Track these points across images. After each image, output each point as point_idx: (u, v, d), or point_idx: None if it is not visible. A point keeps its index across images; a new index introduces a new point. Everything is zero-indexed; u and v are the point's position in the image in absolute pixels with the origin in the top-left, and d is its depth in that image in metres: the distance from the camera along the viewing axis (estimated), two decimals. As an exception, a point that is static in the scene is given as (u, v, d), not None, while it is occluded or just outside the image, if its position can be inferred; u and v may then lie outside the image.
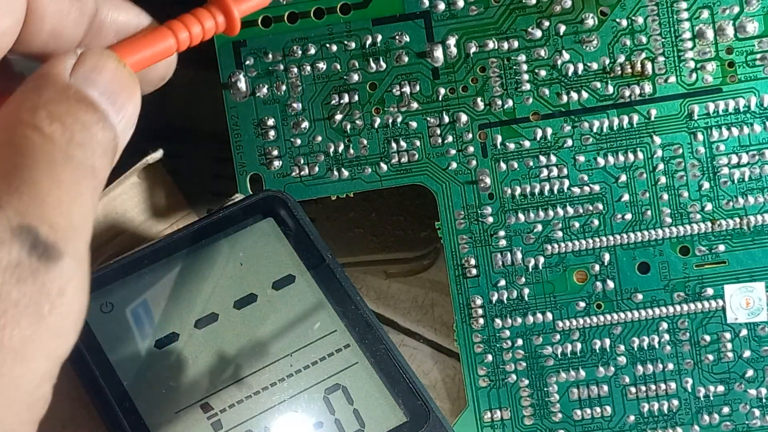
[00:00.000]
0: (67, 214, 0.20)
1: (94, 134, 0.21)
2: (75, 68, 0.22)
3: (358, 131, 0.36)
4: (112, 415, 0.30)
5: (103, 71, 0.22)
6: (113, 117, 0.22)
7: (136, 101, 0.23)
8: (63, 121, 0.21)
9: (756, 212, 0.35)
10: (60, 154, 0.20)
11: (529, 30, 0.35)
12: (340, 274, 0.32)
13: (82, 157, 0.21)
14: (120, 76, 0.23)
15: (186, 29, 0.25)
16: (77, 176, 0.20)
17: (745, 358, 0.35)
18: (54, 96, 0.21)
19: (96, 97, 0.22)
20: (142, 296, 0.32)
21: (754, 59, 0.34)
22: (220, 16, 0.26)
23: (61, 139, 0.20)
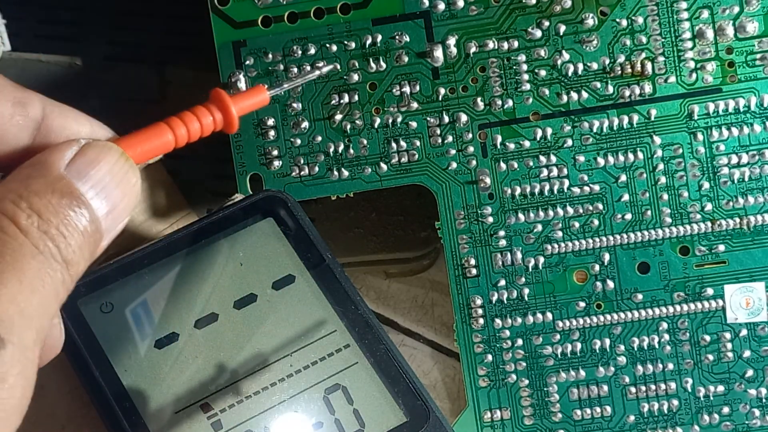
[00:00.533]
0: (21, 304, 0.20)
1: (74, 229, 0.22)
2: (73, 160, 0.23)
3: (358, 131, 0.36)
4: (112, 415, 0.30)
5: (101, 165, 0.23)
6: (100, 212, 0.23)
7: (131, 196, 0.24)
8: (42, 214, 0.21)
9: (756, 212, 0.35)
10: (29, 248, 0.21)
11: (529, 30, 0.35)
12: (340, 274, 0.32)
13: (53, 251, 0.21)
14: (118, 170, 0.23)
15: (185, 126, 0.26)
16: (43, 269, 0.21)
17: (745, 358, 0.35)
18: (41, 188, 0.22)
19: (85, 191, 0.22)
20: (142, 296, 0.32)
21: (754, 59, 0.34)
22: (218, 113, 0.26)
23: (35, 233, 0.21)
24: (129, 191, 0.24)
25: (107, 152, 0.23)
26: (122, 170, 0.24)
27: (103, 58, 0.42)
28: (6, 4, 0.39)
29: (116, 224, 0.23)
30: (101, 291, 0.32)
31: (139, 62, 0.42)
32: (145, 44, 0.42)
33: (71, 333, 0.31)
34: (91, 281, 0.31)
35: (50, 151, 0.23)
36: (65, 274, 0.22)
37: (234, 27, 0.35)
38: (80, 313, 0.31)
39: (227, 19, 0.35)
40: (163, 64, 0.41)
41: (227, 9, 0.35)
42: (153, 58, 0.42)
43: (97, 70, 0.41)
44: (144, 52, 0.42)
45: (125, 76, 0.42)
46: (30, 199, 0.22)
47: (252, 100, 0.28)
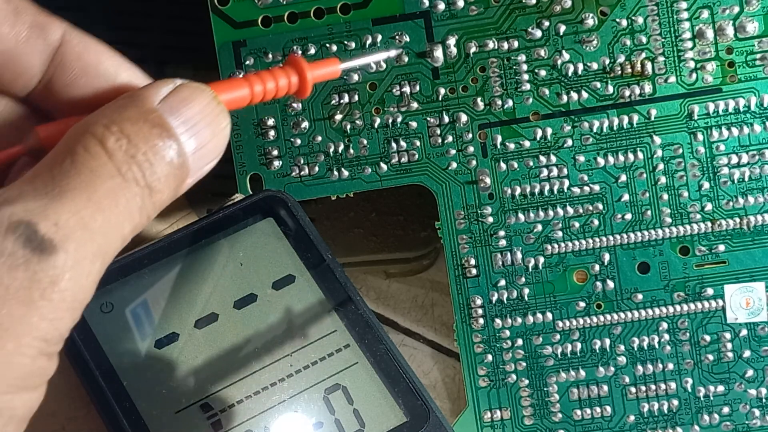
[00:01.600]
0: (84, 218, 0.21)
1: (161, 158, 0.23)
2: (167, 97, 0.24)
3: (358, 131, 0.36)
4: (112, 415, 0.30)
5: (193, 104, 0.24)
6: (188, 147, 0.23)
7: (219, 138, 0.24)
8: (131, 139, 0.22)
9: (756, 212, 0.35)
10: (109, 169, 0.22)
11: (529, 30, 0.35)
12: (340, 274, 0.32)
13: (137, 175, 0.22)
14: (209, 111, 0.24)
15: (262, 83, 0.26)
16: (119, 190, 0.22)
17: (745, 358, 0.35)
18: (133, 115, 0.23)
19: (175, 126, 0.23)
20: (142, 296, 0.32)
21: (754, 59, 0.34)
22: (294, 76, 0.27)
23: (120, 156, 0.22)
24: (218, 133, 0.24)
25: (200, 93, 0.24)
26: (213, 112, 0.24)
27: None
28: (6, 4, 0.39)
29: (203, 164, 0.24)
30: (101, 291, 0.31)
31: (139, 62, 0.42)
32: (145, 44, 0.42)
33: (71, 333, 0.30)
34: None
35: (145, 87, 0.24)
36: (146, 199, 0.23)
37: (234, 27, 0.35)
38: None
39: (227, 19, 0.35)
40: (163, 64, 0.41)
41: (227, 9, 0.35)
42: (153, 58, 0.42)
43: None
44: (144, 52, 0.42)
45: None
46: (122, 124, 0.22)
47: (325, 69, 0.29)
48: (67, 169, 0.22)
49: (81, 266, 0.21)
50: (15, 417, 0.21)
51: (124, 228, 0.22)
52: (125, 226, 0.22)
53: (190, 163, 0.24)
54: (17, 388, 0.21)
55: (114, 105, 0.23)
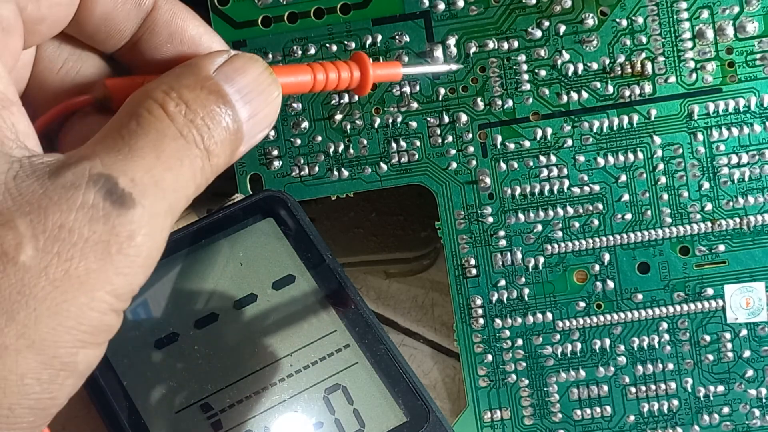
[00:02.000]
0: (156, 176, 0.22)
1: (218, 123, 0.24)
2: (222, 66, 0.25)
3: (358, 131, 0.36)
4: (112, 415, 0.30)
5: (247, 73, 0.25)
6: (242, 114, 0.24)
7: (272, 106, 0.25)
8: (190, 105, 0.23)
9: (756, 212, 0.35)
10: (173, 131, 0.23)
11: (529, 30, 0.35)
12: (340, 274, 0.32)
13: (197, 138, 0.23)
14: (261, 81, 0.25)
15: (325, 72, 0.27)
16: (183, 151, 0.23)
17: (745, 358, 0.35)
18: (191, 83, 0.24)
19: (230, 93, 0.24)
20: (142, 296, 0.32)
21: (754, 59, 0.34)
22: (357, 72, 0.28)
23: (181, 120, 0.23)
24: (270, 102, 0.25)
25: (253, 63, 0.25)
26: (266, 81, 0.25)
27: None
28: (6, 4, 0.39)
29: (256, 132, 0.25)
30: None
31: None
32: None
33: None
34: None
35: (201, 56, 0.25)
36: (205, 161, 0.23)
37: (234, 27, 0.35)
38: (80, 313, 0.31)
39: (227, 19, 0.35)
40: (163, 64, 0.41)
41: (227, 9, 0.35)
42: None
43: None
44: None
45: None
46: (180, 91, 0.23)
47: (387, 70, 0.30)
48: (134, 129, 0.22)
49: (155, 222, 0.22)
50: (76, 372, 0.22)
51: (189, 188, 0.23)
52: (190, 186, 0.23)
53: (245, 130, 0.24)
54: (84, 343, 0.21)
55: (172, 73, 0.24)
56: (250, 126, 0.25)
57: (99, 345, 0.22)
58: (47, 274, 0.20)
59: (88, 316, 0.21)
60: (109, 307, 0.21)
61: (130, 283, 0.22)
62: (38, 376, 0.21)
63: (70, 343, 0.21)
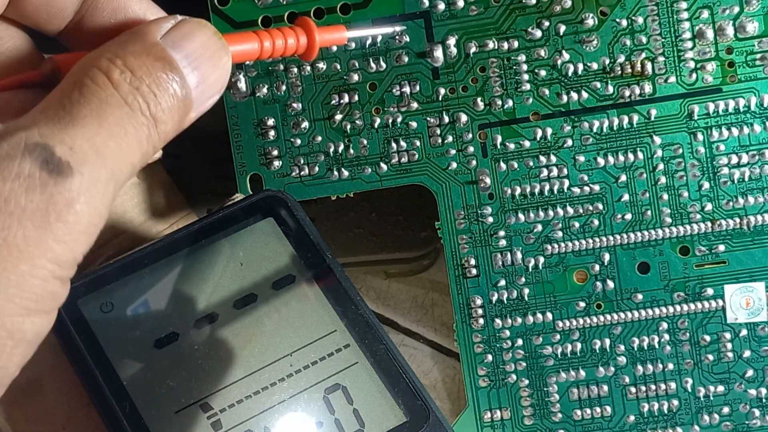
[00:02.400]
0: (97, 143, 0.22)
1: (165, 90, 0.23)
2: (169, 32, 0.24)
3: (358, 131, 0.36)
4: (112, 415, 0.30)
5: (195, 38, 0.25)
6: (191, 80, 0.24)
7: (221, 71, 0.25)
8: (135, 72, 0.23)
9: (756, 212, 0.35)
10: (116, 99, 0.23)
11: (529, 30, 0.35)
12: (340, 274, 0.32)
13: (142, 106, 0.23)
14: (210, 45, 0.25)
15: (271, 39, 0.27)
16: (127, 119, 0.23)
17: (745, 358, 0.35)
18: (136, 50, 0.24)
19: (178, 59, 0.24)
20: (142, 296, 0.32)
21: (754, 59, 0.34)
22: (303, 37, 0.28)
23: (126, 87, 0.23)
24: (220, 67, 0.25)
25: (201, 28, 0.25)
26: (214, 46, 0.25)
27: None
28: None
29: (205, 98, 0.25)
30: (101, 291, 0.32)
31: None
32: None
33: (71, 333, 0.31)
34: (91, 281, 0.31)
35: (147, 23, 0.25)
36: (152, 129, 0.23)
37: (234, 27, 0.35)
38: (80, 313, 0.31)
39: (227, 19, 0.35)
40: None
41: (227, 9, 0.35)
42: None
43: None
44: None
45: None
46: (125, 58, 0.23)
47: (333, 35, 0.30)
48: (77, 98, 0.22)
49: (95, 189, 0.22)
50: (24, 341, 0.22)
51: (134, 155, 0.23)
52: (135, 153, 0.23)
53: (194, 96, 0.24)
54: (29, 310, 0.21)
55: (117, 40, 0.24)
56: (199, 92, 0.25)
57: (46, 313, 0.22)
58: None
59: (30, 284, 0.21)
60: (52, 275, 0.21)
61: (71, 250, 0.22)
62: None
63: (15, 311, 0.21)
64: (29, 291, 0.21)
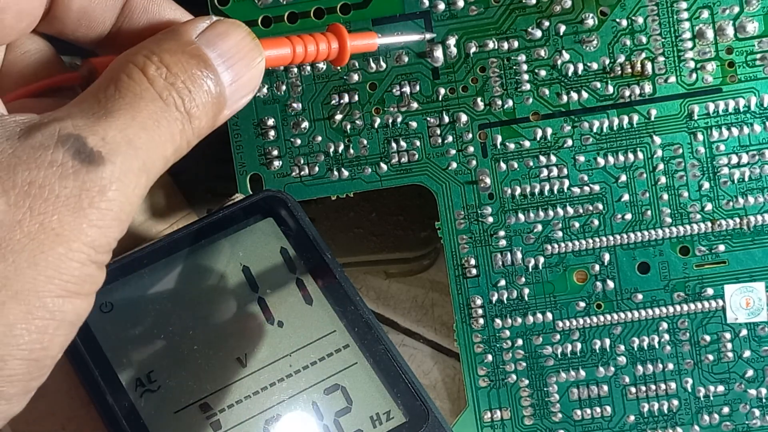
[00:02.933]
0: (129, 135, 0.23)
1: (200, 87, 0.24)
2: (204, 32, 0.25)
3: (358, 131, 0.36)
4: (112, 415, 0.30)
5: (229, 38, 0.25)
6: (225, 78, 0.25)
7: (254, 71, 0.26)
8: (171, 68, 0.24)
9: (756, 212, 0.35)
10: (151, 93, 0.23)
11: (529, 30, 0.35)
12: (340, 274, 0.32)
13: (177, 101, 0.24)
14: (244, 44, 0.26)
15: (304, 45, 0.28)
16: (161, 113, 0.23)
17: (745, 358, 0.35)
18: (172, 47, 0.24)
19: (212, 57, 0.25)
20: (142, 296, 0.32)
21: (754, 59, 0.34)
22: (335, 43, 0.29)
23: (161, 83, 0.23)
24: (253, 67, 0.26)
25: (236, 28, 0.26)
26: (248, 46, 0.26)
27: (104, 58, 0.42)
28: (6, 4, 0.39)
29: (239, 96, 0.26)
30: (101, 291, 0.31)
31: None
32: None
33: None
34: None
35: (182, 23, 0.25)
36: (186, 124, 0.24)
37: (234, 27, 0.35)
38: (80, 313, 0.31)
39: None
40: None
41: (227, 9, 0.35)
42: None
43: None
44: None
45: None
46: (161, 55, 0.24)
47: (363, 41, 0.30)
48: (112, 93, 0.23)
49: (127, 178, 0.22)
50: (65, 321, 0.22)
51: (167, 148, 0.24)
52: (167, 146, 0.24)
53: (227, 94, 0.25)
54: (68, 292, 0.22)
55: (154, 38, 0.25)
56: (233, 90, 0.25)
57: (85, 296, 0.23)
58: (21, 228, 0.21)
59: (68, 266, 0.22)
60: (88, 258, 0.22)
61: (105, 235, 0.22)
62: (27, 326, 0.21)
63: (54, 293, 0.22)
64: (67, 273, 0.22)
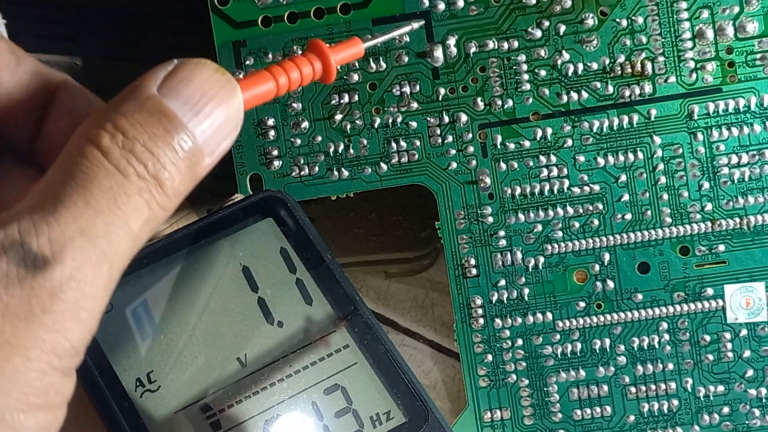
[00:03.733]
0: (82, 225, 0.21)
1: (165, 145, 0.22)
2: (165, 81, 0.22)
3: (358, 131, 0.36)
4: (112, 415, 0.30)
5: (193, 80, 0.23)
6: (196, 126, 0.22)
7: (229, 110, 0.23)
8: (127, 133, 0.21)
9: (756, 212, 0.35)
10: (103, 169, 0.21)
11: (529, 30, 0.35)
12: (340, 274, 0.32)
13: (138, 169, 0.21)
14: (212, 84, 0.23)
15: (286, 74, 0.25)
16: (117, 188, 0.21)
17: (745, 358, 0.35)
18: (128, 108, 0.22)
19: (177, 108, 0.22)
20: (142, 296, 0.32)
21: (754, 59, 0.34)
22: (317, 63, 0.27)
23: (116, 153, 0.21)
24: (227, 105, 0.23)
25: (200, 68, 0.23)
26: (217, 84, 0.23)
27: (103, 58, 0.42)
28: (6, 4, 0.39)
29: (218, 140, 0.23)
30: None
31: (139, 62, 0.42)
32: (145, 44, 0.42)
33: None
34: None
35: (143, 76, 0.23)
36: (155, 190, 0.22)
37: (234, 27, 0.35)
38: (80, 313, 0.31)
39: (227, 19, 0.35)
40: (163, 64, 0.41)
41: (227, 9, 0.35)
42: (153, 58, 0.42)
43: (97, 70, 0.41)
44: (144, 52, 0.42)
45: (125, 76, 0.42)
46: (115, 120, 0.21)
47: (349, 51, 0.28)
48: (62, 178, 0.21)
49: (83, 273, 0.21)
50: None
51: (131, 225, 0.21)
52: (132, 223, 0.21)
53: (201, 143, 0.22)
54: (30, 405, 0.20)
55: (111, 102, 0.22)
56: (208, 136, 0.22)
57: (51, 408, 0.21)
58: None
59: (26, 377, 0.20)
60: (50, 366, 0.21)
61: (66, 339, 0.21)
62: None
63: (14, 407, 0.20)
64: (27, 384, 0.20)
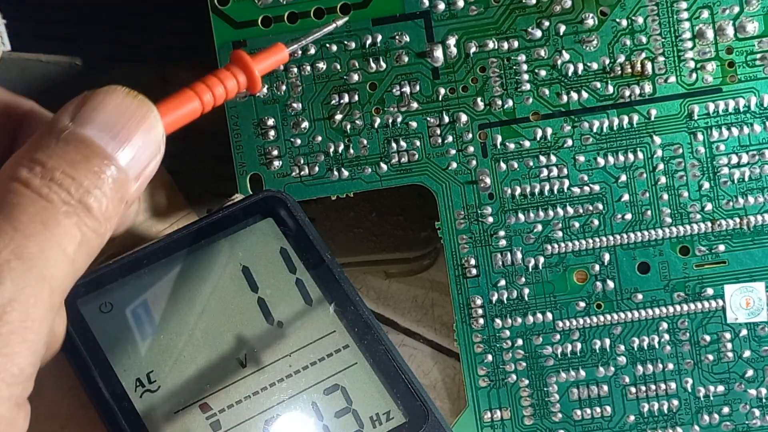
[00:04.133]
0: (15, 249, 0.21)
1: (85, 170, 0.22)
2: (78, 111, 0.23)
3: (358, 131, 0.36)
4: (112, 415, 0.30)
5: (104, 107, 0.23)
6: (112, 150, 0.23)
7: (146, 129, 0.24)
8: (45, 164, 0.22)
9: (756, 212, 0.35)
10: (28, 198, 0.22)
11: (529, 30, 0.35)
12: (340, 274, 0.32)
13: (61, 194, 0.22)
14: (125, 107, 0.23)
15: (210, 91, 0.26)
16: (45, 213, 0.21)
17: (745, 358, 0.35)
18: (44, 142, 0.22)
19: (93, 135, 0.23)
20: (142, 296, 0.32)
21: (754, 59, 0.34)
22: (241, 75, 0.27)
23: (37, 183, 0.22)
24: (141, 123, 0.23)
25: (110, 94, 0.23)
26: (131, 107, 0.23)
27: (103, 58, 0.42)
28: (6, 4, 0.39)
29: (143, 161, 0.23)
30: (101, 291, 0.32)
31: (139, 62, 0.42)
32: (145, 44, 0.42)
33: (70, 333, 0.30)
34: (90, 281, 0.31)
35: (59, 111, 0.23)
36: (83, 213, 0.22)
37: (234, 27, 0.35)
38: (80, 313, 0.31)
39: (227, 19, 0.35)
40: (163, 64, 0.41)
41: (227, 9, 0.35)
42: (153, 58, 0.42)
43: (97, 70, 0.41)
44: (144, 52, 0.42)
45: (125, 76, 0.41)
46: (33, 154, 0.22)
47: (272, 58, 0.28)
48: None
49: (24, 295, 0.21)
50: None
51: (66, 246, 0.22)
52: (65, 245, 0.22)
53: (125, 165, 0.23)
54: None
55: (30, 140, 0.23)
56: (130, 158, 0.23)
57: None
58: None
59: None
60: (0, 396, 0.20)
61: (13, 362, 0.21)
62: None
63: None
64: None
